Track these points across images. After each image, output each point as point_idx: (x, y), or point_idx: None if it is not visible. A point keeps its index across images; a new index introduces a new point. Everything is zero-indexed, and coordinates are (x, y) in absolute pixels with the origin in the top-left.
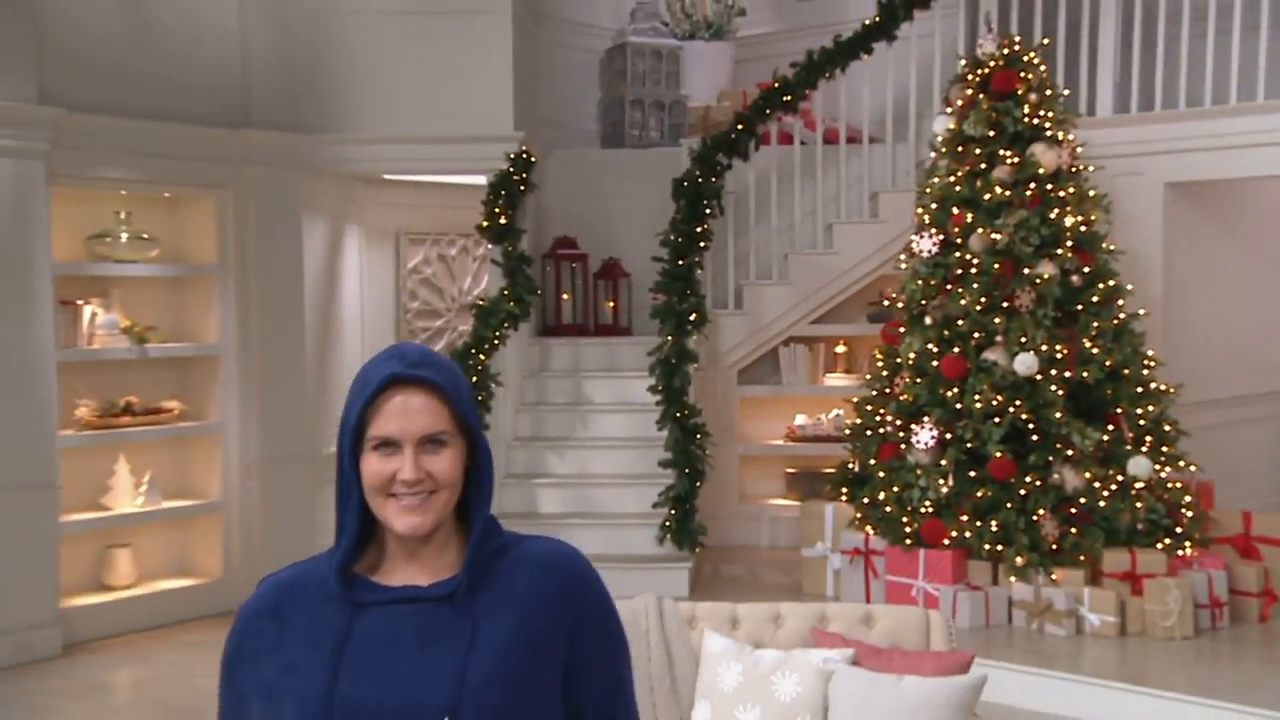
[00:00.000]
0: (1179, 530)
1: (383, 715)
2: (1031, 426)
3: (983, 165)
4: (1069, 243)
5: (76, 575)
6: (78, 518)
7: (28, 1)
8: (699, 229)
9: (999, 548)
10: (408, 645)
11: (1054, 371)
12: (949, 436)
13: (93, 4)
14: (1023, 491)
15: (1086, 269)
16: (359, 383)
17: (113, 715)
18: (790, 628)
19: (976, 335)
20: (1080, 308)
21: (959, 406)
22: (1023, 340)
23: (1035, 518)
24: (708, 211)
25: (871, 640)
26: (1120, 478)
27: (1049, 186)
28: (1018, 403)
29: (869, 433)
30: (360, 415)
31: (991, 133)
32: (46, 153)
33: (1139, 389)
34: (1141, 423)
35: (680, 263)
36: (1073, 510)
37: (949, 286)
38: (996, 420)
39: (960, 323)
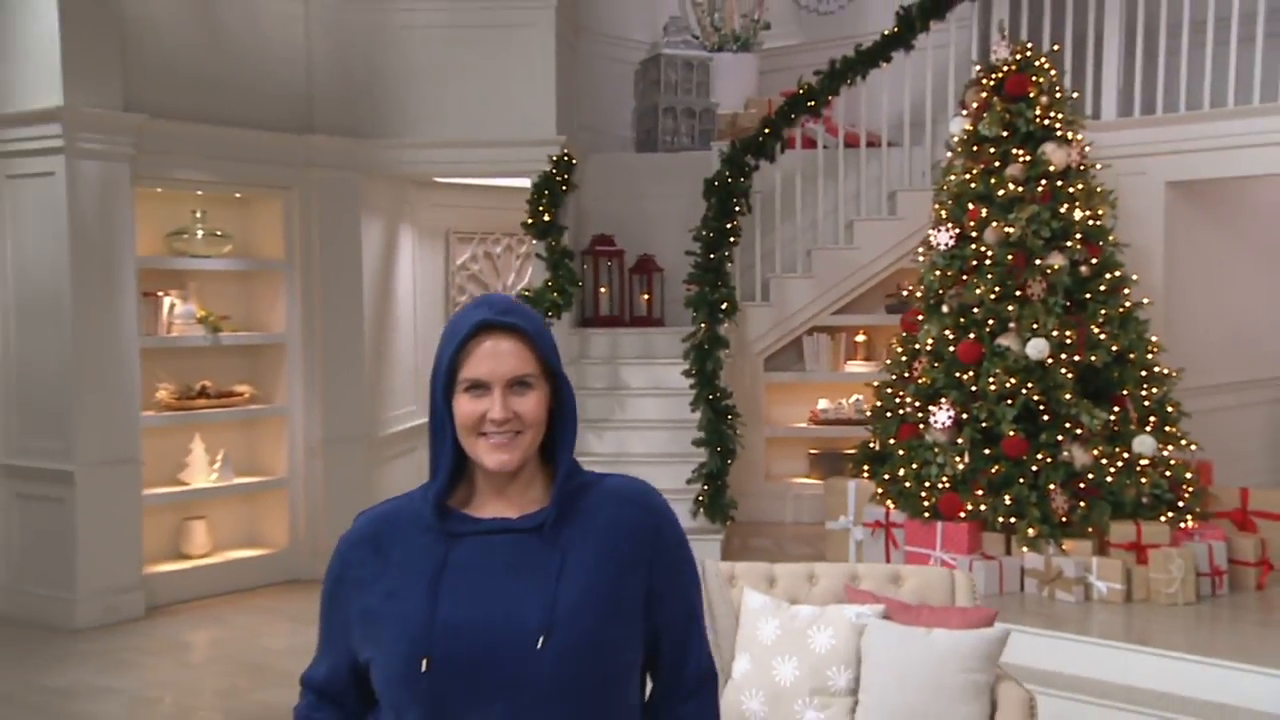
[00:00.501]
0: (1181, 504)
1: (480, 635)
2: (1043, 407)
3: (996, 163)
4: (1078, 236)
5: (157, 544)
6: (158, 491)
7: (115, 17)
8: (728, 225)
9: (1012, 520)
10: (498, 572)
11: (1064, 356)
12: (965, 417)
13: (172, 19)
14: (1034, 468)
15: (1094, 260)
16: (450, 329)
17: (192, 670)
18: (824, 585)
19: (991, 322)
20: (1088, 296)
21: (974, 389)
22: (1034, 327)
23: (1046, 492)
24: (737, 209)
25: (900, 598)
26: (1126, 455)
27: (1059, 183)
28: (1029, 385)
29: (889, 414)
30: (452, 359)
31: (1005, 133)
32: (131, 156)
33: (1143, 372)
34: (1146, 404)
35: (711, 256)
36: (1081, 485)
37: (965, 277)
38: (1009, 401)
39: (975, 311)
